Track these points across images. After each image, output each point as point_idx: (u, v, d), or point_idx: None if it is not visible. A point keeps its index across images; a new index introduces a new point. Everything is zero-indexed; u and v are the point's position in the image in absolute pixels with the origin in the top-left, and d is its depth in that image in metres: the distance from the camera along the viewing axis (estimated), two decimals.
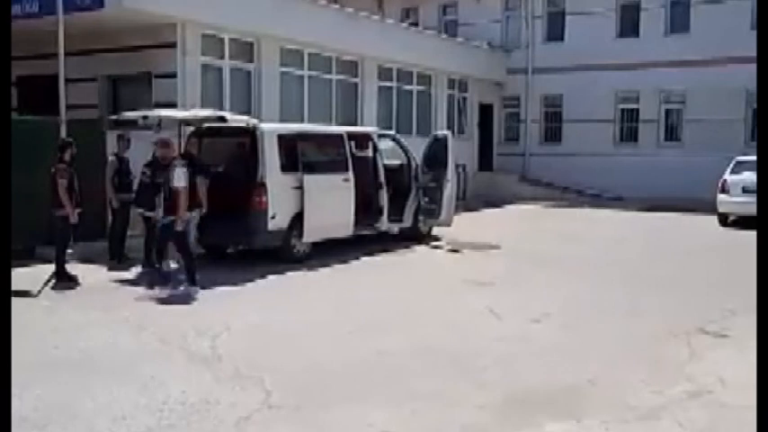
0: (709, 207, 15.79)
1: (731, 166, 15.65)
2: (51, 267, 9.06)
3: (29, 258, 9.96)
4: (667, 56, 20.65)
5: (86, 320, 7.17)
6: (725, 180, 15.35)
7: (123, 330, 6.83)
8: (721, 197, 15.34)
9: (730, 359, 6.05)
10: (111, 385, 5.23)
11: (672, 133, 21.81)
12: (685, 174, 19.51)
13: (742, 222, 14.86)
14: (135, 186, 10.18)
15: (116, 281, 9.18)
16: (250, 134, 10.27)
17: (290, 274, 9.72)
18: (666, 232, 14.96)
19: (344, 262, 10.63)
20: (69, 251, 9.52)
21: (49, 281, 8.88)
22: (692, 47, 20.29)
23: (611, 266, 10.62)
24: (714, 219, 15.55)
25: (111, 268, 9.89)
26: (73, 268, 9.22)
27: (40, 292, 8.50)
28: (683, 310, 7.82)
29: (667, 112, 21.87)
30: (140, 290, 8.69)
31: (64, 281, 8.87)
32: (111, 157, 10.41)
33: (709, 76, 19.92)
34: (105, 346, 6.34)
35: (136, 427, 4.52)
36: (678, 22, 21.10)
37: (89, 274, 9.28)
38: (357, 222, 11.50)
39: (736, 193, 14.92)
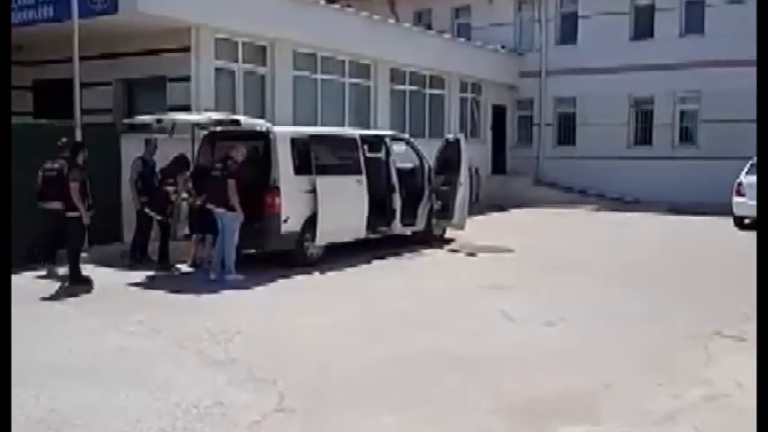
0: (725, 209, 15.64)
1: (746, 167, 15.45)
2: (65, 270, 9.10)
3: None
4: (682, 58, 20.46)
5: (100, 323, 7.19)
6: (740, 182, 15.18)
7: (137, 333, 6.85)
8: (737, 199, 15.19)
9: (748, 363, 5.94)
10: (126, 388, 5.24)
11: (687, 135, 21.63)
12: (701, 176, 19.35)
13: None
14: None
15: (130, 284, 9.21)
16: (263, 137, 10.29)
17: (302, 277, 9.72)
18: (682, 235, 14.85)
19: (357, 265, 10.61)
20: (83, 254, 9.57)
21: (63, 283, 8.92)
22: (706, 48, 20.08)
23: (626, 270, 10.52)
24: (730, 221, 15.41)
25: (127, 270, 9.90)
26: (88, 271, 9.27)
27: (55, 294, 8.55)
28: (700, 313, 7.75)
29: (682, 114, 21.71)
30: (155, 293, 8.72)
31: (78, 283, 8.90)
32: (135, 160, 10.43)
33: (724, 77, 19.71)
34: (119, 349, 6.35)
35: (150, 430, 4.52)
36: (693, 23, 20.89)
37: (104, 277, 9.31)
38: (370, 225, 11.49)
39: (752, 195, 14.71)
